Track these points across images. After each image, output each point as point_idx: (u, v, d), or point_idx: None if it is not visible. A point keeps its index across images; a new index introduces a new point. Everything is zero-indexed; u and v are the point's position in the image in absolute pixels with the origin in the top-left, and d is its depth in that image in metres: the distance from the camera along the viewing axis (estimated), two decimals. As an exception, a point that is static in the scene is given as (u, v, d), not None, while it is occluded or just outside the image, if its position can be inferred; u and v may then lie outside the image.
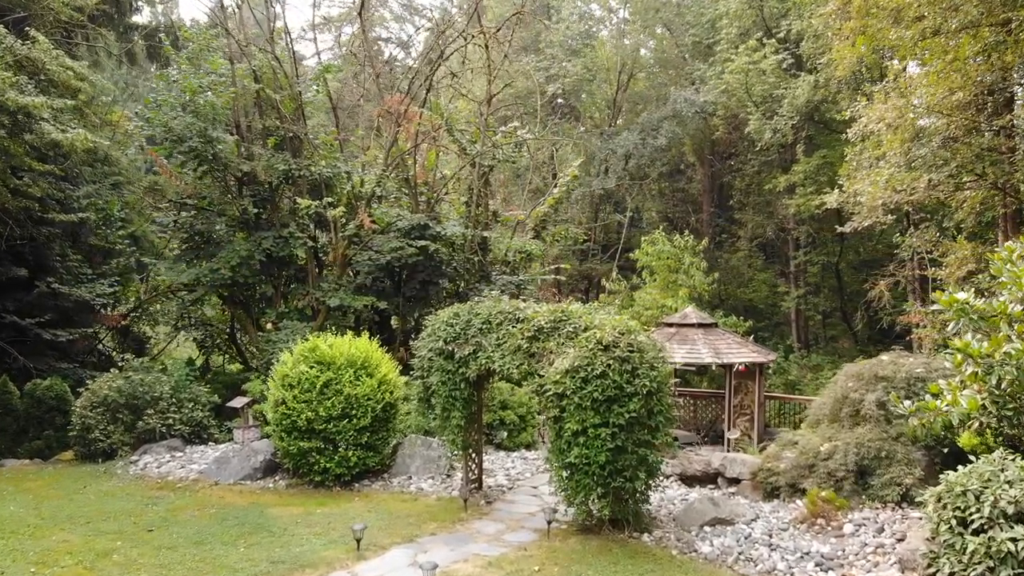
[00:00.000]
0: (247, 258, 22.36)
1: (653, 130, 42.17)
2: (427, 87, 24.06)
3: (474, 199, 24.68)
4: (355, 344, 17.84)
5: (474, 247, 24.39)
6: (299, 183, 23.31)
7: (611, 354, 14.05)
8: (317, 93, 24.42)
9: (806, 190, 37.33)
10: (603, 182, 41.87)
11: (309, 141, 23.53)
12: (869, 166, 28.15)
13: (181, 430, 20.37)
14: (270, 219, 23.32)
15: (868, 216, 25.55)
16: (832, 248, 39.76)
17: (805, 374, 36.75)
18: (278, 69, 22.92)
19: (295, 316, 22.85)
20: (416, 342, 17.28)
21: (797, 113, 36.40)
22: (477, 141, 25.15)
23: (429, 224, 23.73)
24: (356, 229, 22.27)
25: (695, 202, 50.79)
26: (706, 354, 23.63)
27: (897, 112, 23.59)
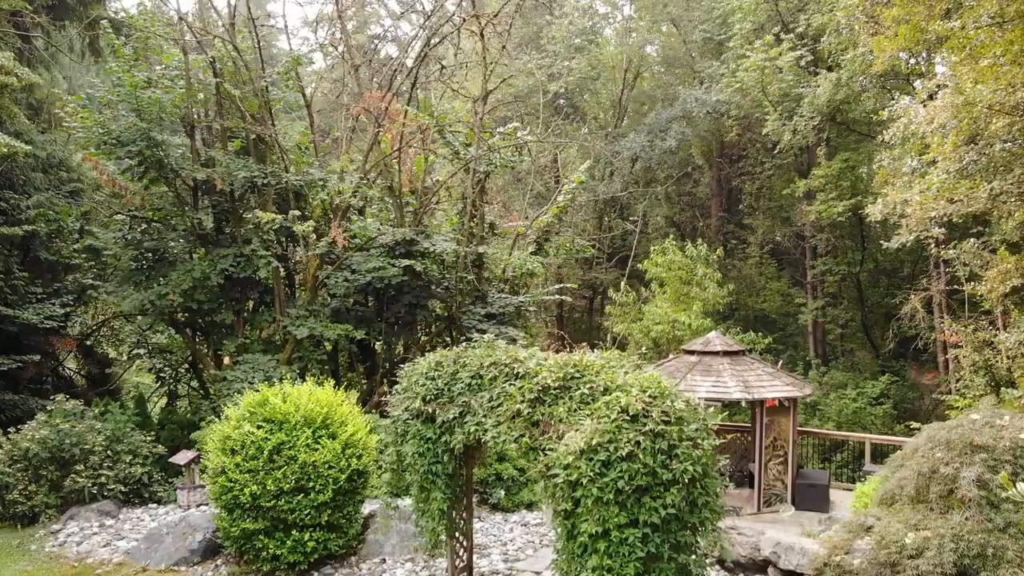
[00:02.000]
0: (202, 280, 18.39)
1: (661, 131, 38.07)
2: (412, 81, 20.01)
3: (468, 210, 20.65)
4: (315, 395, 13.79)
5: (467, 264, 20.38)
6: (265, 192, 19.29)
7: (641, 427, 10.05)
8: (287, 88, 20.38)
9: (827, 196, 33.27)
10: (608, 186, 37.80)
11: (278, 144, 19.51)
12: (911, 172, 24.12)
13: (115, 490, 16.34)
14: (232, 234, 19.32)
15: (915, 229, 21.52)
16: (853, 257, 35.68)
17: (827, 393, 32.74)
18: (239, 60, 18.84)
19: (259, 348, 18.82)
20: (391, 396, 13.30)
21: (818, 113, 32.33)
22: (472, 144, 21.15)
23: (416, 239, 19.74)
24: (328, 246, 18.25)
25: (703, 206, 46.71)
26: (734, 388, 19.62)
27: (952, 112, 19.54)
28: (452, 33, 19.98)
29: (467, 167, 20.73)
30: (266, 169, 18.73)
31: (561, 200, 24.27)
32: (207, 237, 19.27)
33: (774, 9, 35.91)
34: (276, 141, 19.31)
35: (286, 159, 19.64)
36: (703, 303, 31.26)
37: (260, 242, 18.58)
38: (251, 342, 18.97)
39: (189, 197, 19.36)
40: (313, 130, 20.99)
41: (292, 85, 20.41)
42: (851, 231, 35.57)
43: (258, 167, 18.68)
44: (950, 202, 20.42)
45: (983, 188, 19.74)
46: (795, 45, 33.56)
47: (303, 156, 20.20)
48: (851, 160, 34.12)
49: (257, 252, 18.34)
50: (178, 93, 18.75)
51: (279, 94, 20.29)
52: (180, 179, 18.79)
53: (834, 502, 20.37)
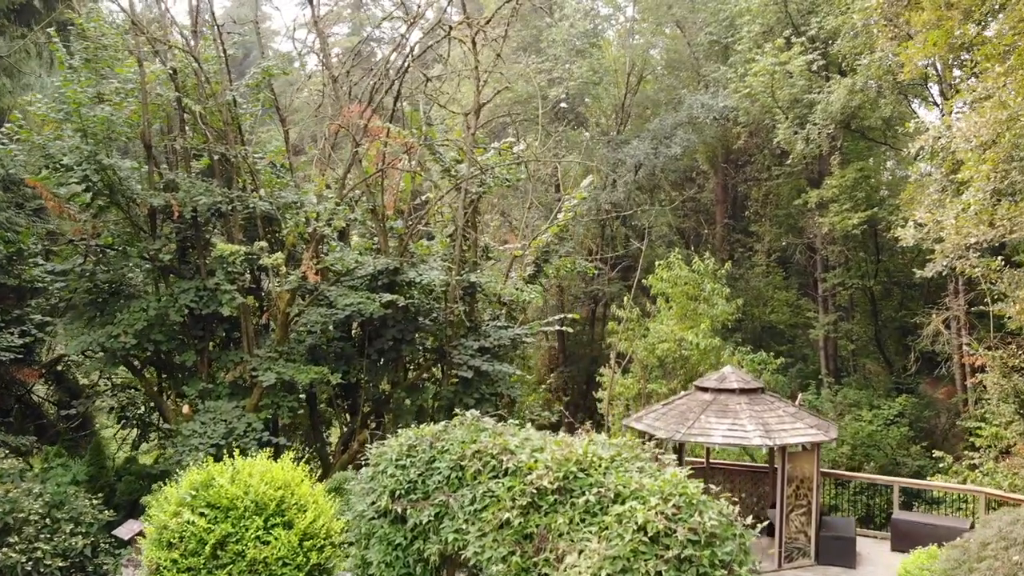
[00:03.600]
0: (159, 318, 15.93)
1: (666, 138, 35.47)
2: (395, 95, 17.48)
3: (459, 234, 18.15)
4: (270, 474, 11.30)
5: (457, 295, 17.90)
6: (232, 218, 16.79)
7: (662, 551, 7.57)
8: (258, 103, 17.85)
9: (841, 207, 30.70)
10: (611, 195, 35.23)
11: (247, 164, 17.00)
12: (942, 189, 21.59)
13: (52, 566, 13.85)
14: (196, 264, 16.84)
15: (951, 255, 19.01)
16: (868, 269, 33.10)
17: (842, 414, 30.23)
18: (202, 71, 16.31)
19: (225, 391, 16.34)
20: (369, 449, 10.83)
21: (832, 121, 29.76)
22: (463, 160, 18.65)
23: (401, 268, 17.24)
24: (300, 281, 15.75)
25: (707, 212, 44.13)
26: (753, 432, 17.12)
27: (994, 128, 17.00)
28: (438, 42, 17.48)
29: (458, 185, 18.23)
30: (231, 193, 16.22)
31: (561, 218, 21.76)
32: (170, 267, 16.81)
33: (783, 11, 33.28)
34: (244, 161, 16.80)
35: (257, 180, 17.13)
36: (711, 320, 28.75)
37: (225, 274, 16.08)
38: (216, 386, 16.50)
39: (147, 224, 16.84)
40: (288, 147, 18.48)
41: (264, 98, 17.91)
42: (864, 243, 33.00)
43: (222, 191, 16.17)
44: (990, 226, 17.90)
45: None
46: (806, 49, 30.99)
47: (277, 176, 17.68)
48: (866, 169, 31.56)
49: (221, 286, 15.85)
50: (133, 109, 16.28)
51: (251, 108, 17.76)
52: (136, 205, 16.30)
53: (861, 554, 17.92)
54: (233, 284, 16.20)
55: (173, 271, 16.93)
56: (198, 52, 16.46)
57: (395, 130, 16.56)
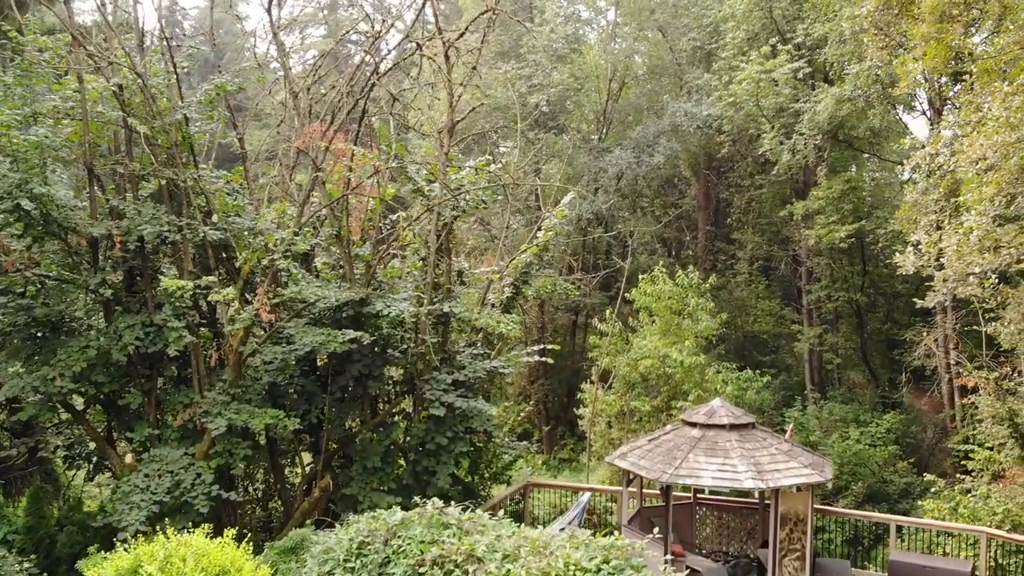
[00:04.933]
0: (100, 357, 14.18)
1: (648, 146, 33.90)
2: (360, 115, 15.74)
3: (431, 261, 16.48)
4: (208, 556, 9.64)
5: (427, 327, 16.24)
6: (181, 247, 15.04)
7: None
8: (212, 120, 16.09)
9: (828, 219, 29.24)
10: (593, 204, 33.63)
11: (200, 189, 15.24)
12: (939, 210, 20.11)
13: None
14: (143, 298, 15.08)
15: (953, 283, 17.53)
16: (854, 282, 31.67)
17: (828, 431, 28.82)
18: (147, 87, 14.51)
19: (174, 436, 14.61)
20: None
21: (819, 131, 28.27)
22: (436, 179, 16.99)
23: (367, 299, 15.56)
24: (252, 319, 14.04)
25: (689, 218, 42.62)
26: (745, 474, 15.59)
27: (1002, 151, 15.49)
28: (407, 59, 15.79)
29: (430, 209, 16.56)
30: (179, 221, 14.46)
31: (542, 237, 20.14)
32: (117, 299, 15.05)
33: (768, 17, 31.75)
34: (197, 184, 15.05)
35: (211, 204, 15.39)
36: (695, 338, 27.26)
37: (173, 309, 14.34)
38: (164, 429, 14.77)
39: (88, 254, 15.06)
40: (246, 167, 16.72)
41: (219, 115, 16.15)
42: (851, 255, 31.57)
43: (169, 219, 14.42)
44: (995, 253, 16.42)
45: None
46: (792, 56, 29.49)
47: (234, 199, 15.93)
48: (853, 180, 30.13)
49: (169, 323, 14.12)
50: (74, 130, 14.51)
51: (205, 126, 15.99)
52: (76, 234, 14.52)
53: (857, 600, 16.53)
54: (182, 319, 14.45)
55: (119, 302, 15.17)
56: (144, 67, 14.67)
57: (360, 152, 14.84)
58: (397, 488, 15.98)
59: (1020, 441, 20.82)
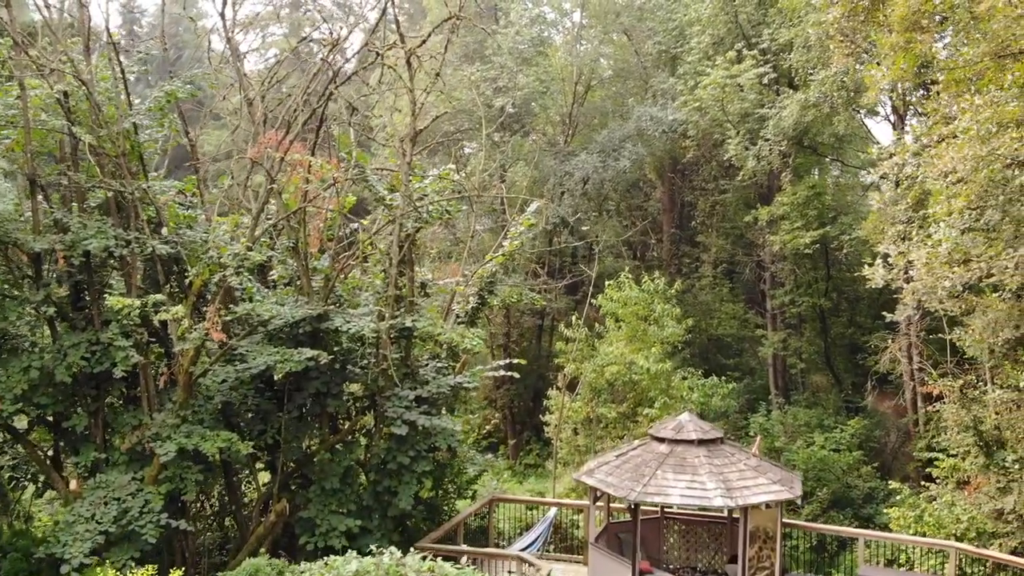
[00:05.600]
0: (43, 378, 13.33)
1: (614, 150, 33.38)
2: (318, 124, 15.00)
3: (392, 274, 15.77)
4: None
5: (389, 343, 15.53)
6: (130, 262, 14.20)
7: None
8: (162, 128, 15.23)
9: (792, 224, 28.91)
10: (559, 209, 33.04)
11: (151, 200, 14.40)
12: (907, 220, 19.76)
13: None
14: (89, 315, 14.22)
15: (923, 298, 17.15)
16: (818, 287, 31.39)
17: (793, 438, 28.49)
18: (92, 94, 13.63)
19: (122, 460, 13.79)
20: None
21: (784, 137, 27.91)
22: (398, 189, 16.29)
23: (326, 314, 14.83)
24: (202, 338, 13.25)
25: (654, 221, 42.21)
26: (714, 491, 15.10)
27: (973, 165, 15.08)
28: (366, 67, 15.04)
29: (392, 220, 15.86)
30: (127, 235, 13.63)
31: (508, 247, 19.51)
32: (62, 315, 14.18)
33: (734, 22, 31.34)
34: (146, 196, 14.21)
35: (161, 217, 14.55)
36: (661, 345, 26.81)
37: (120, 327, 13.50)
38: (111, 453, 13.93)
39: (30, 270, 14.16)
40: (200, 177, 15.89)
41: (170, 122, 15.30)
42: (815, 260, 31.29)
43: (116, 233, 13.58)
44: (964, 265, 16.04)
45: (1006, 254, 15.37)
46: (758, 62, 29.10)
47: (187, 209, 15.11)
48: (818, 186, 29.83)
49: (115, 341, 13.29)
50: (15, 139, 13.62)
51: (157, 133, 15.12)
52: (18, 248, 13.63)
53: (826, 616, 16.12)
54: (130, 338, 13.62)
55: (65, 318, 14.30)
56: (91, 72, 13.80)
57: (317, 163, 14.10)
58: (357, 510, 15.28)
59: (985, 449, 20.57)
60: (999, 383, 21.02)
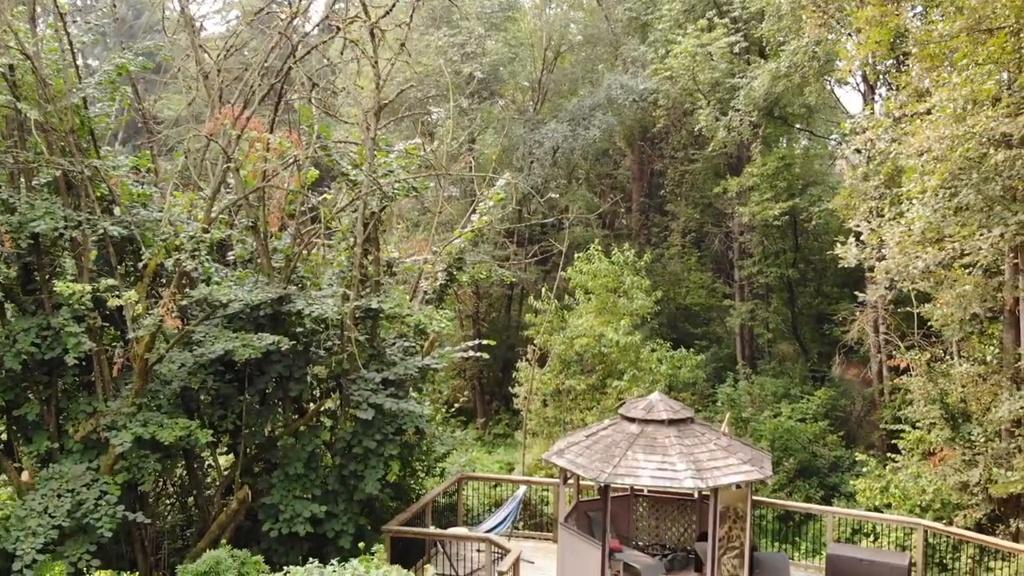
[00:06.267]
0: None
1: (584, 119, 32.76)
2: (277, 98, 14.27)
3: (357, 254, 15.18)
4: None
5: (353, 324, 14.98)
6: (80, 243, 13.47)
7: None
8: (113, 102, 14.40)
9: (762, 196, 28.58)
10: (528, 178, 32.40)
11: (101, 179, 13.64)
12: (879, 197, 19.45)
13: None
14: (39, 299, 13.51)
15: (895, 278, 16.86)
16: (786, 258, 31.18)
17: (760, 407, 28.39)
18: (37, 67, 12.80)
19: (76, 448, 13.20)
20: None
21: (754, 107, 27.45)
22: (363, 164, 15.65)
23: (287, 297, 14.23)
24: (157, 325, 12.62)
25: (623, 189, 41.73)
26: (684, 473, 14.81)
27: (949, 143, 14.73)
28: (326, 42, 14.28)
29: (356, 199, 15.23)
30: (77, 215, 12.90)
31: (476, 222, 18.96)
32: (12, 298, 13.45)
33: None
34: (98, 173, 13.45)
35: (114, 196, 13.79)
36: (631, 317, 26.47)
37: (71, 312, 12.83)
38: (66, 441, 13.30)
39: (-27, 253, 13.41)
40: (155, 153, 15.12)
41: (121, 98, 14.46)
42: (784, 231, 31.03)
43: (65, 213, 12.85)
44: (937, 245, 15.77)
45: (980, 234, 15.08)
46: (729, 30, 28.54)
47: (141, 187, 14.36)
48: (788, 157, 29.47)
49: (67, 327, 12.64)
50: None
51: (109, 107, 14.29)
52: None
53: (795, 592, 16.02)
54: (82, 323, 12.96)
55: (14, 301, 13.57)
56: (37, 44, 12.94)
57: (276, 140, 13.40)
58: (322, 495, 14.82)
59: (951, 422, 20.55)
60: (966, 356, 20.97)
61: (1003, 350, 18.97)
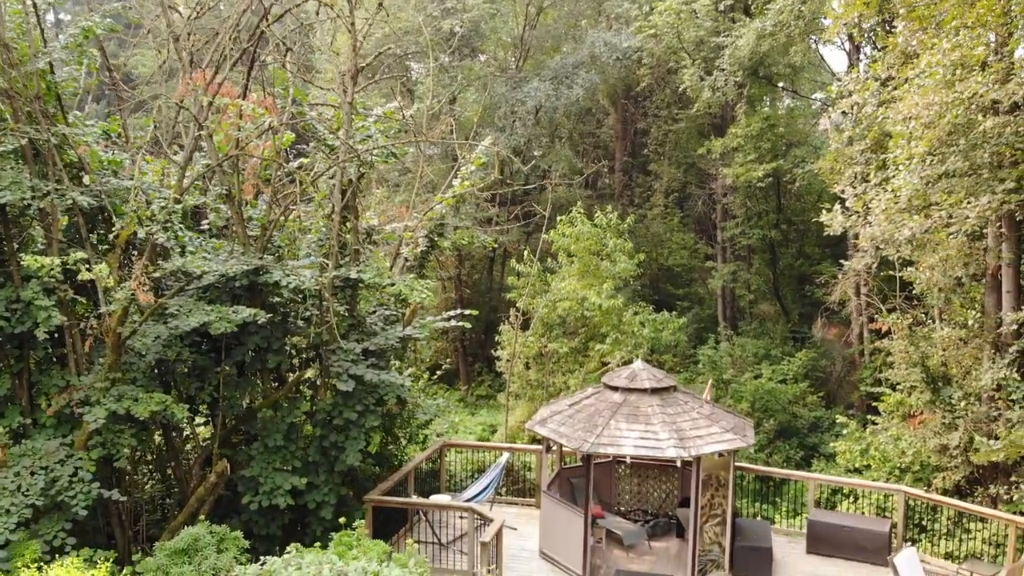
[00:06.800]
0: (-43, 341, 12.26)
1: (567, 77, 32.15)
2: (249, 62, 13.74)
3: (335, 222, 14.78)
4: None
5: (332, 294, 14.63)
6: (50, 214, 13.01)
7: None
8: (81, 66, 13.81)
9: (745, 157, 28.25)
10: (510, 138, 31.90)
11: (70, 147, 13.13)
12: (865, 162, 19.17)
13: None
14: (8, 271, 13.07)
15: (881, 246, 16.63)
16: (769, 219, 30.96)
17: (741, 369, 28.37)
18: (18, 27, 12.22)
19: (49, 423, 12.88)
20: None
21: (739, 67, 26.98)
22: (340, 128, 15.19)
23: (263, 267, 13.85)
24: (129, 299, 12.24)
25: (606, 148, 41.24)
26: (667, 441, 14.69)
27: (938, 109, 14.42)
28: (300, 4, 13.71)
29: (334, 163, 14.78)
30: (45, 185, 12.42)
31: (457, 187, 18.55)
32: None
33: (690, -59, 29.96)
34: (65, 140, 12.94)
35: (84, 164, 13.30)
36: (614, 281, 26.25)
37: (41, 284, 12.41)
38: (39, 415, 12.97)
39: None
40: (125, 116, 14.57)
41: (89, 62, 13.87)
42: (766, 191, 30.76)
43: (33, 183, 12.37)
44: (924, 213, 15.54)
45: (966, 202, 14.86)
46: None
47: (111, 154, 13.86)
48: (772, 118, 29.08)
49: (37, 300, 12.23)
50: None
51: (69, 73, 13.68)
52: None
53: (776, 559, 15.98)
54: (52, 296, 12.56)
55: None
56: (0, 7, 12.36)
57: (250, 107, 12.91)
58: (303, 466, 14.59)
59: (931, 385, 20.53)
60: (947, 319, 20.91)
61: (984, 314, 18.88)
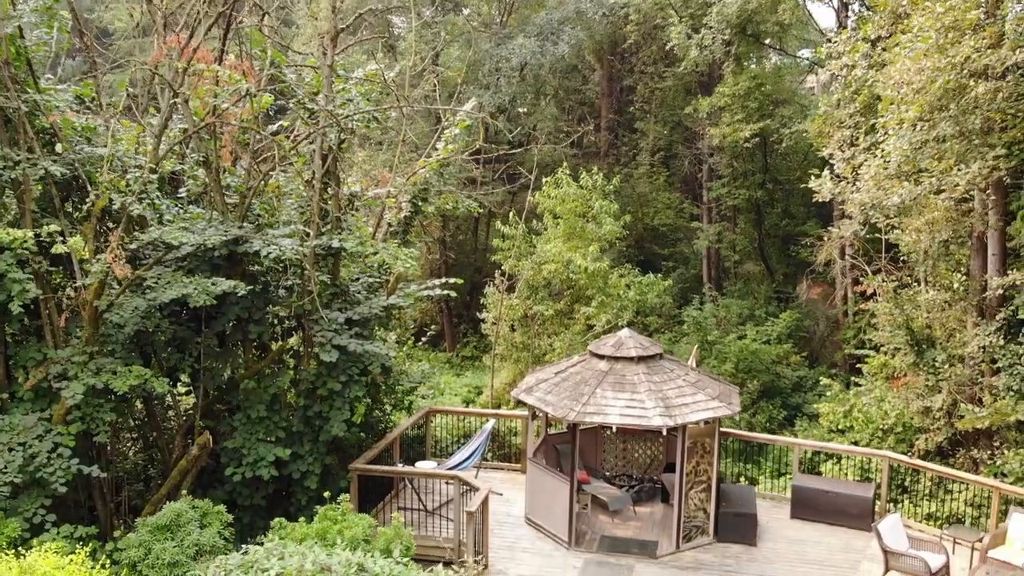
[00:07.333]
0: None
1: (552, 34, 31.54)
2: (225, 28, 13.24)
3: (316, 190, 14.41)
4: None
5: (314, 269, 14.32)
6: (22, 184, 12.57)
7: None
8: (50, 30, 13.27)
9: (732, 116, 27.89)
10: (495, 97, 31.36)
11: (41, 111, 12.66)
12: (855, 125, 18.87)
13: None
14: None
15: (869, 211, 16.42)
16: (755, 179, 30.69)
17: (726, 330, 28.30)
18: None
19: (27, 396, 12.60)
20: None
21: (727, 25, 26.51)
22: (320, 91, 14.77)
23: (243, 237, 13.51)
24: (105, 271, 11.90)
25: (592, 105, 40.69)
26: (653, 410, 14.59)
27: (929, 75, 14.12)
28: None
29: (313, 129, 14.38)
30: (15, 155, 11.98)
31: (442, 150, 18.16)
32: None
33: None
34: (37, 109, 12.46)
35: (57, 131, 12.83)
36: (600, 243, 26.01)
37: (14, 256, 12.03)
38: (16, 391, 12.68)
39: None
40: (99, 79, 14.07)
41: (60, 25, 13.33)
42: (753, 152, 30.46)
43: (3, 153, 11.92)
44: (913, 179, 15.31)
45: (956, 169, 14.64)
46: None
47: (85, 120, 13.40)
48: (760, 77, 28.67)
49: (10, 273, 11.87)
50: None
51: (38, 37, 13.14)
52: None
53: (760, 524, 16.03)
54: (27, 268, 12.21)
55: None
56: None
57: (226, 73, 12.46)
58: (286, 437, 14.42)
59: (915, 348, 20.52)
60: (932, 282, 20.85)
61: (969, 277, 18.82)
